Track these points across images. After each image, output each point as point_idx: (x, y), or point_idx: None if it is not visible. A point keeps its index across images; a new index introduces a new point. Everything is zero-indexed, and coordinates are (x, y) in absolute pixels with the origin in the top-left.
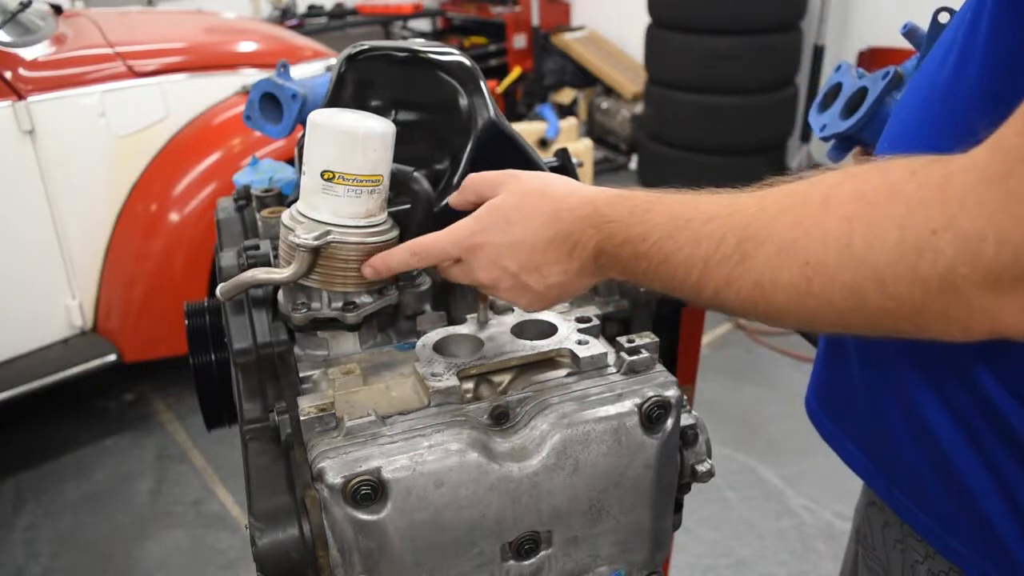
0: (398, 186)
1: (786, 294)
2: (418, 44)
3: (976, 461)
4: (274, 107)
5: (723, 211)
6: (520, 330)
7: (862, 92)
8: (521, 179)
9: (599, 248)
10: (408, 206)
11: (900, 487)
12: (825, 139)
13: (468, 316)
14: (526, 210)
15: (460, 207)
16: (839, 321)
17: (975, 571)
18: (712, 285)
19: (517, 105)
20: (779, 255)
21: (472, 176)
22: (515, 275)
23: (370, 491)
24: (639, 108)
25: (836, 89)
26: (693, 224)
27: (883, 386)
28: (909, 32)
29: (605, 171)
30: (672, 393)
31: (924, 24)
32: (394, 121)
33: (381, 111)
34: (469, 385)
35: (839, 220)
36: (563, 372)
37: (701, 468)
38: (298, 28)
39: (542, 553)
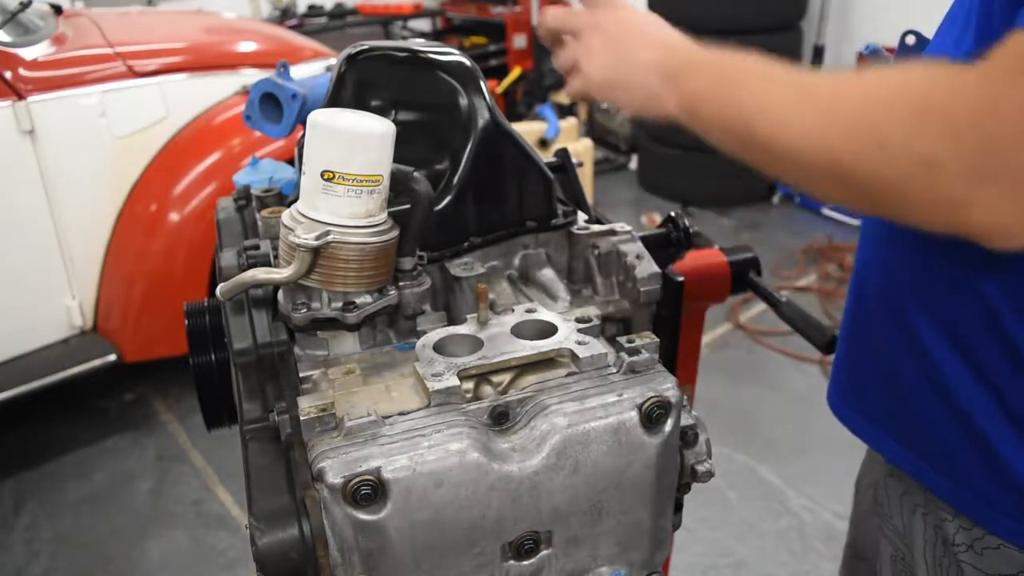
0: (398, 186)
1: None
2: (418, 44)
3: (1002, 421)
4: (274, 107)
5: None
6: (520, 330)
7: None
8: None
9: (687, 59)
10: (408, 206)
11: (933, 464)
12: None
13: (468, 316)
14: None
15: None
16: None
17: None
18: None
19: (517, 105)
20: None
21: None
22: (613, 35)
23: (370, 491)
24: None
25: None
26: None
27: (904, 346)
28: (872, 55)
29: (605, 171)
30: (672, 393)
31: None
32: (394, 121)
33: (381, 111)
34: (469, 385)
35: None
36: (563, 372)
37: (701, 468)
38: (298, 28)
39: (542, 553)
